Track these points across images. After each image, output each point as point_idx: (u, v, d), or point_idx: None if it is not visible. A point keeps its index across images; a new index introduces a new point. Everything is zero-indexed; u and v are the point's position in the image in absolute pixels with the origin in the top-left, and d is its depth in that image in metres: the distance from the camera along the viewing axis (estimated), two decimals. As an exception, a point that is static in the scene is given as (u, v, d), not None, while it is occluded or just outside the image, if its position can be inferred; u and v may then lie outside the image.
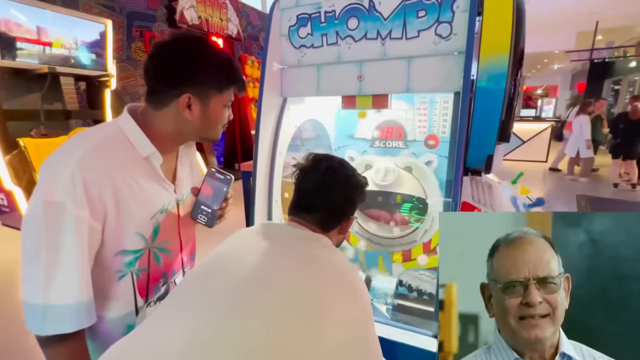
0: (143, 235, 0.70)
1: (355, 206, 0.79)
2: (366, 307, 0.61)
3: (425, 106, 1.65)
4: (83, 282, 0.61)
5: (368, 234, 1.82)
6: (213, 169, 0.81)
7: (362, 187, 0.79)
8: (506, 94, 1.71)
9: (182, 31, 0.73)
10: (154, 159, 0.70)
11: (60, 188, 0.58)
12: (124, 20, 4.72)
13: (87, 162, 0.60)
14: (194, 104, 0.68)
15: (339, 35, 1.14)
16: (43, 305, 0.58)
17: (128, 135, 0.67)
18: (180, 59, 0.66)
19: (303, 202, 0.74)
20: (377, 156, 1.75)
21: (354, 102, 1.20)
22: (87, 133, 0.66)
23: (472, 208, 1.99)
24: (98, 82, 4.07)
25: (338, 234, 0.78)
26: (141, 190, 0.68)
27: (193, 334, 0.49)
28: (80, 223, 0.60)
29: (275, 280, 0.57)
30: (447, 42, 1.01)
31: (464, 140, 0.93)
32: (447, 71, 1.02)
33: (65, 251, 0.59)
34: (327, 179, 0.73)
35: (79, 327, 0.61)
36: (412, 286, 1.84)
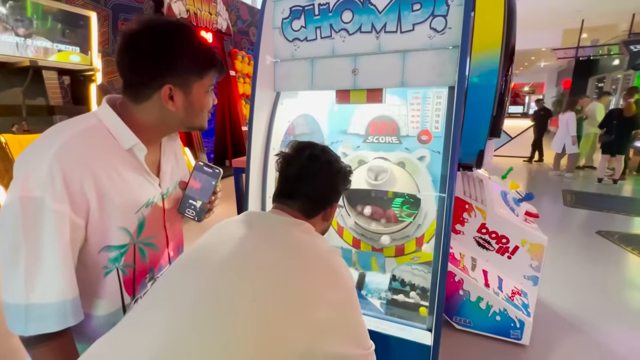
0: (128, 230, 0.68)
1: (339, 193, 0.79)
2: (349, 290, 0.61)
3: (419, 101, 1.65)
4: (67, 279, 0.59)
5: (361, 230, 1.82)
6: (201, 162, 0.80)
7: (345, 174, 0.79)
8: (497, 90, 1.73)
9: (151, 16, 0.72)
10: (138, 151, 0.67)
11: (38, 182, 0.55)
12: (110, 12, 4.59)
13: (65, 154, 0.57)
14: (176, 94, 0.65)
15: (333, 29, 1.12)
16: (25, 305, 0.56)
17: (108, 127, 0.64)
18: (155, 49, 0.62)
19: (286, 190, 0.74)
20: (371, 152, 1.75)
21: (348, 96, 1.19)
22: (64, 125, 0.63)
23: (463, 203, 2.01)
24: (83, 77, 3.95)
25: (322, 221, 0.77)
26: (124, 184, 0.65)
27: (172, 332, 0.49)
28: (61, 218, 0.57)
29: (255, 266, 0.57)
30: (441, 36, 1.01)
31: (459, 134, 0.93)
32: (442, 65, 1.02)
33: (46, 248, 0.56)
34: (310, 165, 0.73)
35: (64, 326, 0.59)
36: (405, 281, 1.85)
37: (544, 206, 4.12)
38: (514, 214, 2.00)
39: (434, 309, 1.03)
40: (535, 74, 14.26)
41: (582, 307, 2.13)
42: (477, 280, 1.88)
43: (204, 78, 0.68)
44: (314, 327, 0.52)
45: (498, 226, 1.95)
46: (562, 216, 3.84)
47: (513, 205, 2.05)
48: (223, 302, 0.52)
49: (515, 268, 1.96)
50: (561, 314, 2.07)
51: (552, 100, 11.00)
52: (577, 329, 1.93)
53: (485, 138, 1.83)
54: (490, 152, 2.01)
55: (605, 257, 2.80)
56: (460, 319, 1.93)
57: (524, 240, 1.91)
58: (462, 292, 1.89)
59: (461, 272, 1.88)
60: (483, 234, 1.99)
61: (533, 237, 1.89)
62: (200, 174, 0.78)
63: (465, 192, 2.01)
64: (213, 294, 0.53)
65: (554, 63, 11.90)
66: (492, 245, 1.99)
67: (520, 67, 12.31)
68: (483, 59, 1.71)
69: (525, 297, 1.94)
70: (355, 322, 0.61)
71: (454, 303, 1.92)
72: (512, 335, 1.83)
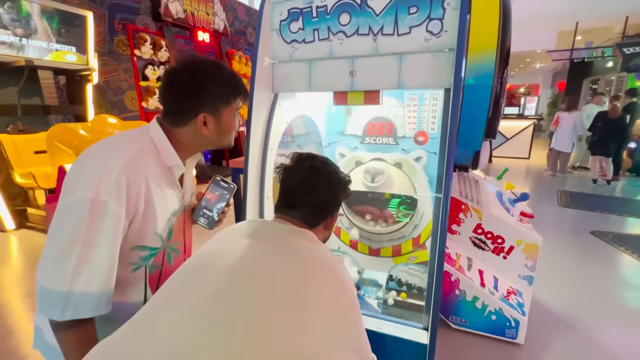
0: (160, 235, 0.78)
1: (339, 202, 0.81)
2: (351, 297, 0.62)
3: (415, 103, 1.67)
4: (110, 273, 0.67)
5: (359, 230, 1.84)
6: (218, 177, 0.90)
7: (344, 184, 0.81)
8: (493, 91, 1.75)
9: (188, 56, 0.81)
10: (176, 169, 0.78)
11: (107, 188, 0.64)
12: (106, 12, 4.57)
13: (130, 166, 0.67)
14: (209, 121, 0.76)
15: (330, 31, 1.13)
16: (67, 292, 0.62)
17: (157, 146, 0.75)
18: (192, 86, 0.73)
19: (288, 200, 0.77)
20: (368, 152, 1.76)
21: (345, 98, 1.20)
22: (126, 138, 0.73)
23: (459, 203, 2.03)
24: (79, 76, 3.93)
25: (324, 230, 0.80)
26: (164, 196, 0.75)
27: (176, 337, 0.49)
28: (119, 220, 0.66)
29: (259, 273, 0.58)
30: (437, 39, 1.02)
31: (455, 136, 0.94)
32: (438, 67, 1.03)
33: (101, 245, 0.64)
34: (310, 177, 0.76)
35: (97, 314, 0.66)
36: (402, 280, 1.87)
37: (539, 206, 4.16)
38: (510, 215, 2.02)
39: (430, 309, 1.04)
40: (531, 76, 14.38)
41: (576, 306, 2.16)
42: (473, 280, 1.89)
43: (231, 104, 0.79)
44: (318, 335, 0.52)
45: (494, 226, 1.97)
46: (557, 216, 3.88)
47: (508, 206, 2.08)
48: (230, 307, 0.52)
49: (511, 268, 1.98)
50: (556, 313, 2.10)
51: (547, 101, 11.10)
52: (571, 327, 1.96)
53: (481, 139, 1.85)
54: (486, 153, 2.03)
55: (599, 257, 2.83)
56: (457, 319, 1.95)
57: (519, 240, 1.93)
58: (458, 292, 1.90)
59: (457, 272, 1.90)
60: (479, 234, 2.01)
61: (528, 237, 1.91)
62: (216, 188, 0.89)
63: (461, 193, 2.03)
64: (220, 299, 0.54)
65: (549, 65, 12.01)
66: (487, 245, 2.01)
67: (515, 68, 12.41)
68: (478, 60, 1.73)
69: (521, 296, 1.96)
70: (358, 331, 0.61)
71: (450, 303, 1.93)
72: (508, 335, 1.85)
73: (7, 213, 3.21)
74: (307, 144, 1.80)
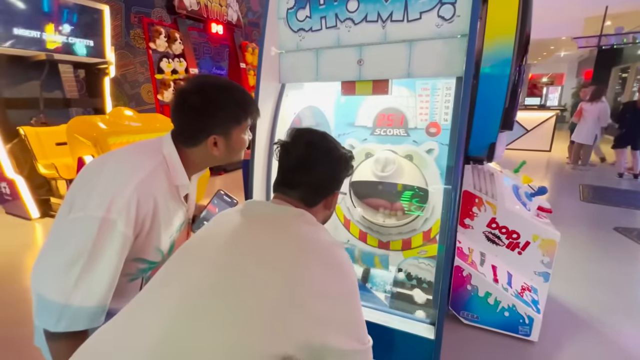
0: (162, 251, 0.78)
1: (339, 180, 0.77)
2: (350, 283, 0.60)
3: (427, 92, 1.61)
4: (109, 290, 0.67)
5: (368, 223, 1.82)
6: (222, 192, 0.91)
7: (346, 160, 0.77)
8: (510, 81, 1.68)
9: (199, 77, 0.80)
10: (182, 189, 0.79)
11: (119, 208, 0.64)
12: (122, 6, 4.64)
13: (143, 187, 0.68)
14: (219, 141, 0.77)
15: (338, 18, 1.10)
16: (64, 304, 0.62)
17: (169, 164, 0.75)
18: (202, 109, 0.73)
19: (286, 179, 0.73)
20: (378, 144, 1.73)
21: (353, 88, 1.17)
22: (141, 158, 0.73)
23: (473, 197, 1.97)
24: (97, 70, 4.02)
25: (324, 209, 0.77)
26: (168, 214, 0.76)
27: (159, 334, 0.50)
28: (125, 240, 0.66)
29: (255, 256, 0.57)
30: (449, 25, 0.98)
31: (465, 125, 0.91)
32: (450, 55, 0.98)
33: (105, 262, 0.64)
34: (308, 153, 0.72)
35: (90, 327, 0.66)
36: (411, 274, 1.84)
37: (559, 201, 4.01)
38: (526, 209, 1.95)
39: (437, 303, 1.02)
40: (555, 64, 13.73)
41: (595, 304, 2.08)
42: (485, 275, 1.85)
43: (242, 124, 0.79)
44: (314, 318, 0.52)
45: (508, 221, 1.90)
46: (578, 211, 3.73)
47: (525, 200, 2.00)
48: (222, 290, 0.52)
49: (526, 264, 1.92)
50: (573, 311, 2.03)
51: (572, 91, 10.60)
52: (589, 326, 1.89)
53: (496, 131, 1.78)
54: (502, 146, 1.96)
55: (622, 255, 2.71)
56: (468, 314, 1.91)
57: (536, 236, 1.87)
58: (470, 287, 1.86)
59: (469, 266, 1.85)
60: (493, 229, 1.95)
61: (545, 233, 1.84)
62: (219, 201, 0.89)
63: (475, 186, 1.97)
64: (211, 283, 0.53)
65: (575, 52, 11.42)
66: (502, 240, 1.95)
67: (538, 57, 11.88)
68: (496, 47, 1.66)
69: (535, 293, 1.90)
70: (355, 316, 0.60)
71: (462, 298, 1.90)
72: (521, 332, 1.80)
73: (32, 202, 3.35)
74: (317, 136, 1.79)
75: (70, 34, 3.58)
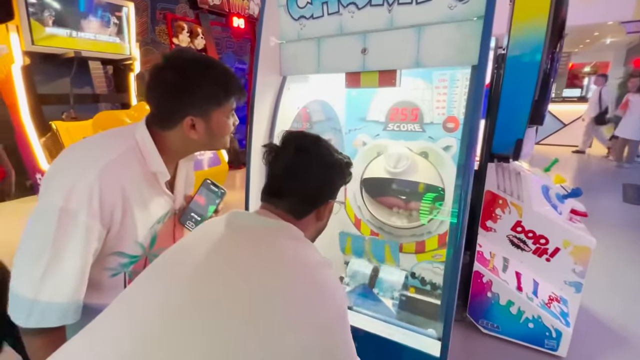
0: (142, 244, 0.73)
1: (334, 188, 0.70)
2: (336, 310, 0.53)
3: (445, 84, 1.49)
4: (78, 285, 0.63)
5: (379, 223, 1.72)
6: (209, 181, 0.86)
7: (341, 167, 0.69)
8: (541, 69, 1.51)
9: (175, 52, 0.75)
10: (160, 175, 0.72)
11: (79, 197, 0.60)
12: (148, 3, 4.75)
13: (106, 175, 0.62)
14: (198, 123, 0.70)
15: (340, 3, 1.01)
16: (32, 300, 0.59)
17: (142, 150, 0.69)
18: (177, 86, 0.67)
19: (273, 187, 0.67)
20: (391, 140, 1.62)
21: (358, 79, 1.08)
22: (108, 142, 0.68)
23: (496, 198, 1.82)
24: (123, 66, 4.15)
25: (316, 221, 0.69)
26: (144, 203, 0.71)
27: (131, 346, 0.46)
28: (91, 232, 0.62)
29: (227, 281, 0.52)
30: (464, 5, 0.86)
31: (478, 119, 0.80)
32: (464, 40, 0.87)
33: (69, 256, 0.61)
34: (297, 159, 0.65)
35: (62, 324, 0.63)
36: (425, 279, 1.74)
37: (597, 203, 3.67)
38: (557, 212, 1.77)
39: (444, 316, 0.92)
40: (599, 52, 12.59)
41: (633, 318, 1.87)
42: (508, 282, 1.71)
43: (223, 106, 0.72)
44: (290, 350, 0.46)
45: (536, 224, 1.74)
46: (620, 214, 3.40)
47: (556, 202, 1.82)
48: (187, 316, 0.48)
49: (555, 272, 1.75)
50: (608, 325, 1.84)
51: (618, 82, 9.71)
52: (625, 342, 1.70)
53: (524, 126, 1.62)
54: (531, 142, 1.79)
55: (670, 264, 2.43)
56: (487, 323, 1.78)
57: (567, 242, 1.69)
58: (491, 295, 1.73)
59: (490, 272, 1.72)
60: (518, 233, 1.80)
61: (578, 239, 1.67)
62: (206, 191, 0.85)
63: (499, 186, 1.81)
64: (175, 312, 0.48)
65: (623, 39, 10.42)
66: (528, 245, 1.79)
67: (579, 44, 10.97)
68: (525, 32, 1.49)
69: (565, 304, 1.73)
70: (340, 345, 0.54)
71: (481, 305, 1.77)
72: (547, 346, 1.65)
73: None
74: (326, 131, 1.71)
75: (97, 31, 3.71)
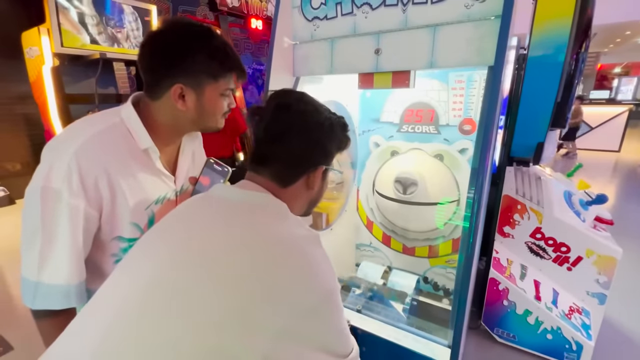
0: (139, 225, 0.71)
1: (324, 152, 0.62)
2: (323, 290, 0.49)
3: (462, 85, 1.45)
4: (74, 266, 0.63)
5: (392, 225, 1.70)
6: (212, 160, 0.82)
7: (332, 128, 0.61)
8: (564, 71, 1.44)
9: (175, 18, 0.75)
10: (152, 152, 0.70)
11: (58, 176, 0.59)
12: (170, 5, 4.88)
13: (84, 152, 0.61)
14: (188, 94, 0.66)
15: (354, 3, 1.00)
16: (35, 281, 0.61)
17: (129, 127, 0.67)
18: (168, 48, 0.64)
19: (257, 153, 0.61)
20: (405, 142, 1.60)
21: (371, 80, 1.07)
22: (89, 121, 0.67)
23: (514, 202, 1.76)
24: (144, 67, 4.28)
25: (306, 189, 0.62)
26: (137, 182, 0.68)
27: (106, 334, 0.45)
28: (76, 211, 0.61)
29: (203, 256, 0.49)
30: (481, 5, 0.83)
31: (494, 121, 0.77)
32: (481, 40, 0.84)
33: (59, 236, 0.61)
34: (279, 119, 0.58)
35: (66, 306, 0.64)
36: (438, 284, 1.70)
37: (626, 211, 3.48)
38: (579, 219, 1.70)
39: (454, 323, 0.90)
40: (631, 52, 12.01)
41: (664, 335, 1.76)
42: (525, 291, 1.64)
43: (219, 81, 0.68)
44: (271, 332, 0.44)
45: (557, 232, 1.67)
46: (651, 223, 3.22)
47: (579, 209, 1.74)
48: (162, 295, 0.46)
49: (577, 282, 1.67)
50: (634, 340, 1.74)
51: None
52: (654, 360, 1.60)
53: (545, 129, 1.55)
54: (552, 146, 1.72)
55: None
56: (503, 332, 1.72)
57: (590, 251, 1.62)
58: (507, 303, 1.67)
59: (507, 280, 1.66)
60: (537, 240, 1.73)
61: (602, 248, 1.59)
62: (210, 171, 0.81)
63: (517, 191, 1.75)
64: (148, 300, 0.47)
65: (658, 38, 9.88)
66: (547, 253, 1.72)
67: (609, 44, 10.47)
68: (548, 31, 1.44)
69: (587, 316, 1.65)
70: (330, 328, 0.50)
71: (496, 313, 1.71)
72: (567, 358, 1.58)
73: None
74: (339, 132, 1.70)
75: (120, 32, 3.85)
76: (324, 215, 1.75)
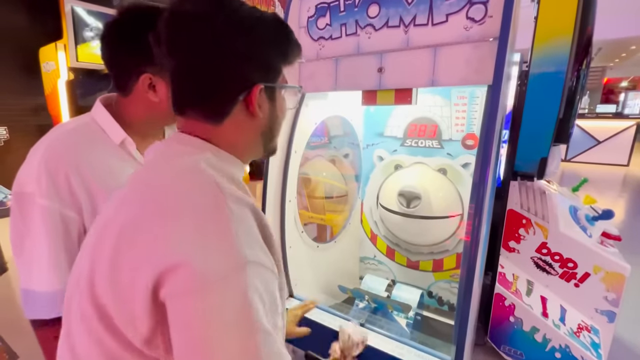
0: None
1: (256, 63, 0.46)
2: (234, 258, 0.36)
3: (465, 102, 1.48)
4: (56, 271, 0.60)
5: (396, 239, 1.71)
6: None
7: (258, 28, 0.45)
8: (566, 87, 1.47)
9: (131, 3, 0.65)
10: (128, 145, 0.67)
11: (29, 180, 0.59)
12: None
13: (50, 153, 0.60)
14: (158, 84, 0.62)
15: (358, 25, 1.05)
16: (25, 289, 0.61)
17: (101, 124, 0.66)
18: (129, 36, 0.59)
19: (172, 90, 0.48)
20: (408, 156, 1.62)
21: (374, 97, 1.10)
22: (59, 125, 0.67)
23: (519, 217, 1.75)
24: (153, 79, 4.41)
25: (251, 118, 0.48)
26: (114, 179, 0.64)
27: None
28: (50, 214, 0.59)
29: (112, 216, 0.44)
30: (480, 27, 0.87)
31: (493, 137, 0.79)
32: (480, 60, 0.87)
33: (40, 241, 0.59)
34: (175, 33, 0.44)
35: (55, 315, 0.61)
36: (442, 299, 1.69)
37: (636, 226, 3.43)
38: (586, 234, 1.68)
39: (456, 338, 0.90)
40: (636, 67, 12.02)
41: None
42: (532, 307, 1.62)
43: None
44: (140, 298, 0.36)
45: (563, 247, 1.65)
46: (662, 239, 3.15)
47: (585, 224, 1.73)
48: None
49: (585, 299, 1.64)
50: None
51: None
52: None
53: (549, 144, 1.56)
54: (557, 161, 1.72)
55: None
56: (510, 349, 1.69)
57: (598, 267, 1.59)
58: (513, 320, 1.65)
59: (513, 296, 1.64)
60: (543, 255, 1.71)
61: (610, 265, 1.57)
62: None
63: (522, 205, 1.75)
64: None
65: (664, 53, 9.88)
66: (554, 268, 1.70)
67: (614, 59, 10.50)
68: (549, 48, 1.46)
69: (596, 334, 1.62)
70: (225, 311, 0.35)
71: (503, 330, 1.69)
72: (576, 378, 1.54)
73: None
74: (344, 146, 1.73)
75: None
76: (328, 227, 1.76)
